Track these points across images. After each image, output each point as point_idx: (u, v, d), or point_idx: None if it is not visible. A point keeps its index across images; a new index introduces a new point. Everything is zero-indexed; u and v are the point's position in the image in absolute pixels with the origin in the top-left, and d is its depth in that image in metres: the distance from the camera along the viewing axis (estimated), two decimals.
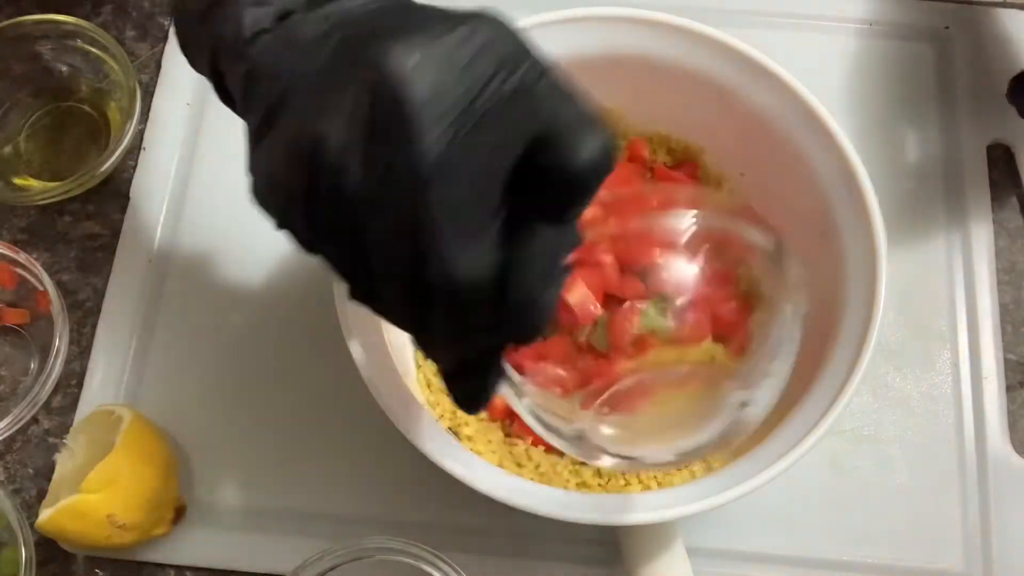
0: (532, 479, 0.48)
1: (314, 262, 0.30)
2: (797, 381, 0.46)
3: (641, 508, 0.42)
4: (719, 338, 0.53)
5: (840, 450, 0.54)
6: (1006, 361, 0.56)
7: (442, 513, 0.53)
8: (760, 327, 0.48)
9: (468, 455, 0.44)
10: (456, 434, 0.50)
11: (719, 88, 0.48)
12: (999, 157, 0.61)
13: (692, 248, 0.47)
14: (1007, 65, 0.62)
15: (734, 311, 0.52)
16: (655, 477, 0.50)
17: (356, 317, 0.44)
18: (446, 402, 0.51)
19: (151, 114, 0.62)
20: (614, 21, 0.48)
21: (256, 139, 0.30)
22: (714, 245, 0.54)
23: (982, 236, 0.58)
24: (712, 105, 0.50)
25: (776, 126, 0.48)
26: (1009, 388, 0.55)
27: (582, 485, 0.50)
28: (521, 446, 0.50)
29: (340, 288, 0.44)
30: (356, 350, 0.43)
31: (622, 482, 0.50)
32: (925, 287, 0.57)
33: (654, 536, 0.45)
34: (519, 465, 0.50)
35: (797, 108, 0.47)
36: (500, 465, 0.49)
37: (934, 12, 0.64)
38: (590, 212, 0.36)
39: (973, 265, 0.58)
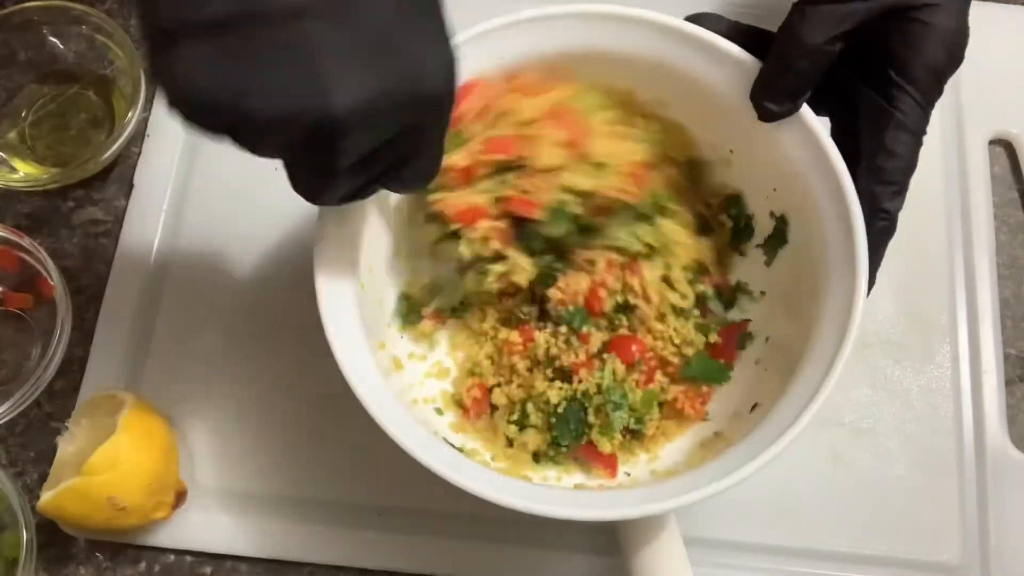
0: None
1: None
2: (784, 367, 0.45)
3: (631, 503, 0.41)
4: None
5: (839, 442, 0.54)
6: (1006, 355, 0.56)
7: (442, 501, 0.52)
8: None
9: (462, 459, 0.44)
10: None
11: (707, 88, 0.47)
12: (1000, 152, 0.61)
13: None
14: (1009, 62, 0.62)
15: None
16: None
17: (343, 326, 0.44)
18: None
19: (155, 101, 0.62)
20: (586, 18, 0.46)
21: None
22: None
23: (982, 231, 0.58)
24: (701, 105, 0.48)
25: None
26: (1008, 382, 0.56)
27: (580, 486, 0.50)
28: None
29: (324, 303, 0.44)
30: (344, 363, 0.43)
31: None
32: (925, 281, 0.57)
33: (649, 524, 0.45)
34: None
35: None
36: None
37: None
38: None
39: (974, 260, 0.58)
